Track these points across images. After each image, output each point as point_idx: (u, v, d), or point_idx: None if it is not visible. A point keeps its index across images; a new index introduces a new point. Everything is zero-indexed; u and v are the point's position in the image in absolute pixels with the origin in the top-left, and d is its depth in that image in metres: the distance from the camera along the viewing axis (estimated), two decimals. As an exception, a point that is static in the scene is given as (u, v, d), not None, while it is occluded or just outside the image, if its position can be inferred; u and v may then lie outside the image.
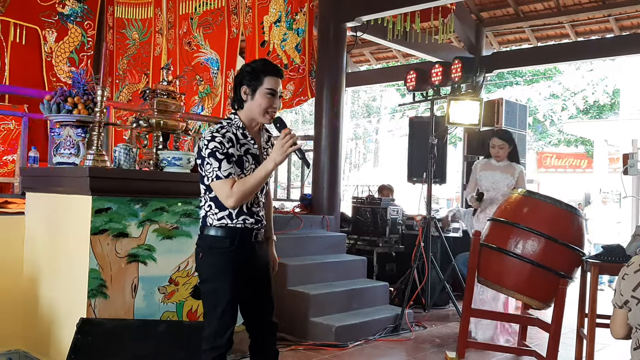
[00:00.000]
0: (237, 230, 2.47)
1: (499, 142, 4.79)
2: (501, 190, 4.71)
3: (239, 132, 2.48)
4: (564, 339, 4.16)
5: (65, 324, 3.31)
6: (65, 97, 3.63)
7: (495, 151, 4.78)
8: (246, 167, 2.46)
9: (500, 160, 4.80)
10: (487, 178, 4.80)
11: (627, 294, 2.05)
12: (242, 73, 2.51)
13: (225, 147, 2.40)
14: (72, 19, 7.40)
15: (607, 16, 7.78)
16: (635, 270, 2.05)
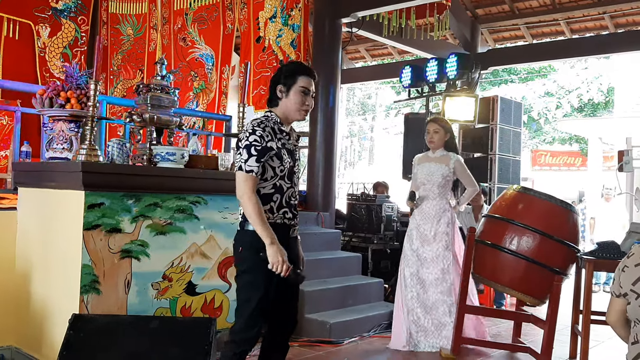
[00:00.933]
0: (277, 227, 2.54)
1: (433, 126, 4.47)
2: (436, 182, 4.40)
3: (276, 127, 2.59)
4: (558, 335, 4.17)
5: (57, 320, 3.28)
6: (58, 91, 3.59)
7: (430, 136, 4.45)
8: (284, 160, 2.56)
9: (436, 149, 4.46)
10: (422, 171, 4.47)
11: (627, 287, 2.04)
12: (278, 73, 2.67)
13: (265, 141, 2.51)
14: (65, 14, 7.35)
15: (602, 13, 7.79)
16: (635, 263, 2.04)
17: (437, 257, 4.33)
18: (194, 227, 3.66)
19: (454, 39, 8.65)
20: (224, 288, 3.84)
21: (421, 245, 4.37)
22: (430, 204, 4.40)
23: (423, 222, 4.39)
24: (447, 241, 4.35)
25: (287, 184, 2.59)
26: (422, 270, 4.36)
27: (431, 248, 4.35)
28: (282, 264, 2.46)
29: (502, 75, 20.44)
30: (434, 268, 4.33)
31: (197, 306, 3.71)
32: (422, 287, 4.34)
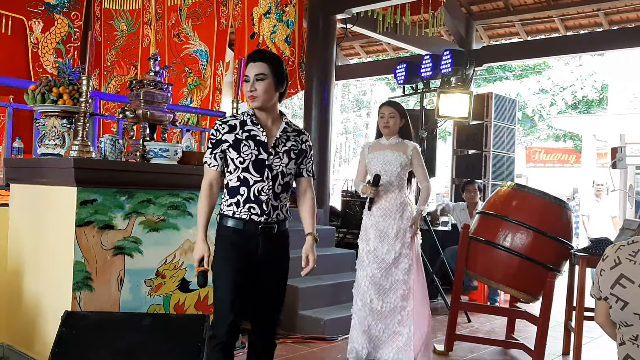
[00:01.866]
0: (243, 222, 2.51)
1: (388, 109, 3.92)
2: (395, 173, 3.83)
3: (248, 120, 2.58)
4: (551, 332, 4.18)
5: (50, 317, 3.27)
6: (50, 87, 3.57)
7: (385, 121, 3.89)
8: (244, 151, 2.52)
9: (390, 136, 3.92)
10: (377, 159, 3.90)
11: (606, 291, 2.04)
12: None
13: (220, 133, 2.55)
14: (58, 10, 7.30)
15: (596, 10, 7.80)
16: (611, 266, 2.04)
17: (398, 257, 3.78)
18: (188, 223, 3.64)
19: (449, 36, 8.65)
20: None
21: (380, 245, 3.80)
22: (389, 197, 3.82)
23: (383, 218, 3.81)
24: (409, 238, 3.82)
25: (256, 177, 2.51)
26: (379, 274, 3.78)
27: (392, 247, 3.78)
28: (195, 262, 2.52)
29: (496, 72, 20.48)
30: (395, 270, 3.78)
31: (190, 303, 3.70)
32: (377, 293, 3.78)
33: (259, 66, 2.54)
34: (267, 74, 2.53)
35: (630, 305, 1.95)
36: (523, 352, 4.22)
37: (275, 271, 2.65)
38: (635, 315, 1.94)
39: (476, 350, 4.36)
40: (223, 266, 2.53)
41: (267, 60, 2.56)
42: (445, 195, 16.85)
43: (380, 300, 3.79)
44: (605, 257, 2.08)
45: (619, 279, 1.99)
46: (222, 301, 2.51)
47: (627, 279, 1.97)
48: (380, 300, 3.79)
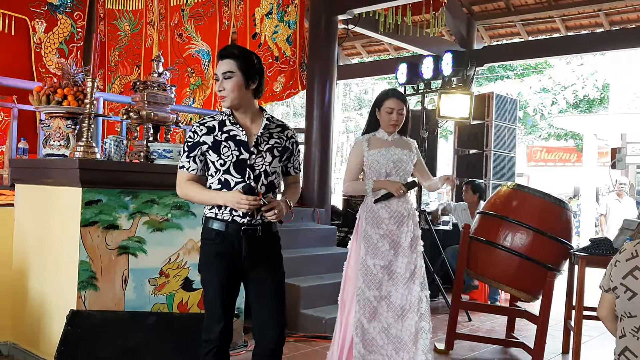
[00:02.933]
0: (224, 223, 2.41)
1: (398, 104, 3.35)
2: (408, 172, 3.39)
3: (227, 120, 2.46)
4: (551, 330, 4.21)
5: (55, 315, 3.31)
6: (55, 88, 3.61)
7: (394, 117, 3.32)
8: (224, 153, 2.40)
9: (392, 133, 3.39)
10: (384, 157, 3.34)
11: (617, 281, 2.08)
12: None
13: (198, 135, 2.44)
14: (61, 10, 7.34)
15: (597, 11, 7.82)
16: (627, 258, 2.07)
17: (414, 270, 3.28)
18: (191, 223, 3.69)
19: (450, 36, 8.67)
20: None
21: (395, 259, 3.27)
22: (401, 201, 3.32)
23: (396, 226, 3.29)
24: (421, 246, 3.37)
25: (236, 178, 2.39)
26: (396, 294, 3.26)
27: (408, 260, 3.28)
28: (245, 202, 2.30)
29: (498, 71, 20.48)
30: (413, 286, 3.26)
31: (193, 302, 3.74)
32: (395, 316, 3.23)
33: (226, 64, 2.41)
34: (234, 72, 2.39)
35: (638, 296, 1.99)
36: (523, 351, 4.26)
37: (266, 274, 2.48)
38: None
39: (476, 348, 4.39)
40: (209, 271, 2.46)
41: (234, 57, 2.42)
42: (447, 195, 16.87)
43: (400, 324, 3.24)
44: (622, 249, 2.12)
45: (633, 270, 2.03)
46: (212, 306, 2.45)
47: None
48: (399, 324, 3.24)
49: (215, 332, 2.42)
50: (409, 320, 3.24)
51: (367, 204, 3.38)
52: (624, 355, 2.07)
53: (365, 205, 3.39)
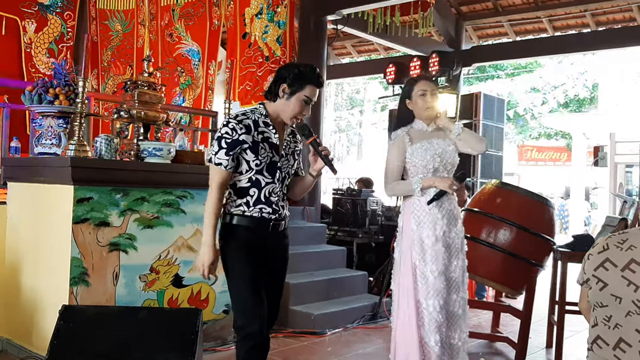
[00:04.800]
0: (254, 220, 2.46)
1: (430, 85, 3.06)
2: (453, 167, 3.09)
3: (261, 120, 2.48)
4: (535, 326, 4.30)
5: (47, 311, 3.37)
6: (47, 88, 3.67)
7: (429, 99, 3.01)
8: (261, 154, 2.44)
9: (430, 121, 3.07)
10: (429, 152, 3.00)
11: (589, 273, 2.15)
12: (288, 72, 2.49)
13: (237, 133, 2.40)
14: (51, 10, 7.36)
15: (583, 11, 7.93)
16: (599, 251, 2.15)
17: (463, 274, 3.04)
18: (181, 220, 3.75)
19: (439, 36, 8.76)
20: (210, 280, 3.93)
21: (449, 262, 2.98)
22: (451, 199, 3.03)
23: (449, 228, 2.99)
24: (466, 247, 3.12)
25: (267, 179, 2.47)
26: (450, 300, 2.96)
27: (459, 264, 3.02)
28: (202, 269, 2.42)
29: (488, 71, 20.62)
30: (463, 287, 3.04)
31: (183, 298, 3.80)
32: (450, 324, 2.97)
33: (317, 93, 2.53)
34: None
35: (609, 286, 2.06)
36: (508, 345, 4.34)
37: (281, 270, 2.63)
38: (612, 297, 2.05)
39: (462, 343, 4.47)
40: (241, 266, 2.47)
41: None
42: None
43: (457, 331, 2.98)
44: (595, 244, 2.20)
45: (604, 262, 2.10)
46: (250, 301, 2.44)
47: (611, 263, 2.08)
48: (455, 331, 2.98)
49: (255, 327, 2.42)
50: (462, 327, 3.02)
51: (414, 204, 3.00)
52: (596, 343, 2.15)
53: (413, 206, 3.01)
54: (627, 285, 2.00)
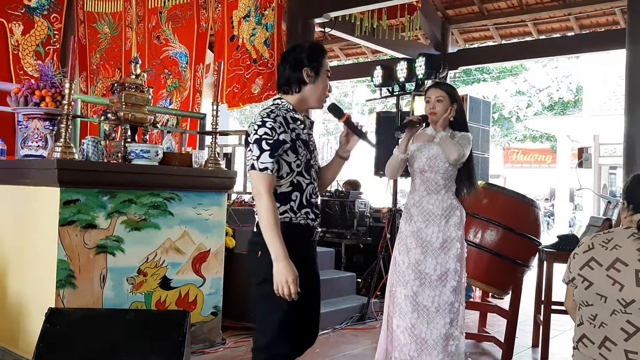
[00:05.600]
0: (301, 228, 2.26)
1: (435, 92, 3.21)
2: (441, 169, 3.16)
3: (289, 115, 2.27)
4: (522, 325, 4.34)
5: (34, 314, 3.34)
6: (33, 90, 3.65)
7: (431, 106, 3.19)
8: (300, 153, 2.24)
9: (438, 126, 3.22)
10: (420, 152, 3.21)
11: (575, 272, 2.18)
12: (301, 55, 2.30)
13: (277, 133, 2.17)
14: (38, 12, 7.32)
15: (567, 15, 8.02)
16: (584, 250, 2.18)
17: (446, 273, 3.11)
18: (168, 222, 3.75)
19: (426, 39, 8.82)
20: (198, 282, 3.94)
21: (424, 258, 3.12)
22: (433, 199, 3.17)
23: (425, 224, 3.15)
24: (458, 250, 3.16)
25: (306, 180, 2.27)
26: (423, 294, 3.10)
27: (439, 261, 3.12)
28: (288, 286, 2.09)
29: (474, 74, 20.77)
30: (443, 290, 3.11)
31: (171, 300, 3.79)
32: (420, 317, 3.09)
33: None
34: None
35: (594, 285, 2.09)
36: (494, 345, 4.38)
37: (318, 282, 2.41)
38: (597, 296, 2.08)
39: (450, 343, 4.49)
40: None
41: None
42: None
43: (425, 325, 3.09)
44: (581, 243, 2.23)
45: (589, 261, 2.13)
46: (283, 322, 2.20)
47: (596, 262, 2.11)
48: (424, 325, 3.09)
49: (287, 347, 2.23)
50: (436, 324, 3.08)
51: (406, 201, 3.31)
52: (581, 342, 2.18)
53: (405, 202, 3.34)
54: (612, 284, 2.03)
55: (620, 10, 7.45)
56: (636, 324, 1.99)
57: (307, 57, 2.29)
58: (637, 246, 2.04)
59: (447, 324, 3.08)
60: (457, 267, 3.13)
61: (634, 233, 2.08)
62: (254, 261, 2.25)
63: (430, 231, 3.13)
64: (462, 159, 3.13)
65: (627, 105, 4.55)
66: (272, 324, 2.20)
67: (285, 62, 2.33)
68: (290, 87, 2.32)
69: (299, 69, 2.29)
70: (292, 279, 2.09)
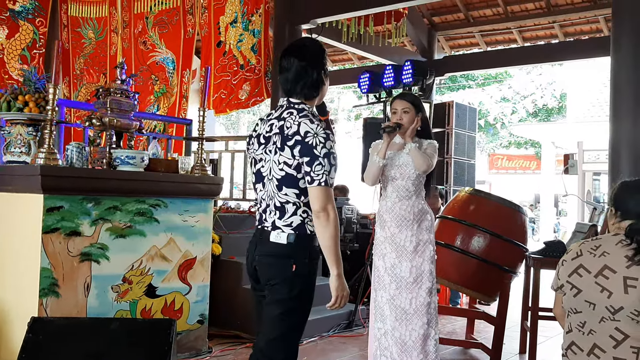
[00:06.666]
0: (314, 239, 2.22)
1: (401, 104, 3.35)
2: (412, 176, 3.31)
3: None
4: (509, 332, 4.34)
5: (16, 323, 3.28)
6: (16, 95, 3.59)
7: (397, 117, 3.33)
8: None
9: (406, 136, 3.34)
10: (391, 161, 3.36)
11: (563, 279, 2.18)
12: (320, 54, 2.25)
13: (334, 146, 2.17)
14: (23, 16, 7.25)
15: (552, 23, 8.11)
16: (572, 257, 2.17)
17: (420, 275, 3.23)
18: (154, 229, 3.70)
19: (412, 46, 8.86)
20: (184, 290, 3.89)
21: (398, 262, 3.25)
22: (404, 205, 3.29)
23: (398, 229, 3.28)
24: (431, 252, 3.30)
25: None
26: (400, 297, 3.23)
27: (413, 264, 3.24)
28: (344, 301, 2.17)
29: (460, 80, 20.91)
30: (419, 291, 3.22)
31: (157, 308, 3.74)
32: (398, 320, 3.21)
33: None
34: None
35: (583, 292, 2.09)
36: (482, 352, 4.38)
37: None
38: (586, 303, 2.08)
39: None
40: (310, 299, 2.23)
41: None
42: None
43: (404, 327, 3.20)
44: (569, 250, 2.22)
45: (578, 268, 2.13)
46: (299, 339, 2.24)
47: (585, 269, 2.10)
48: (403, 327, 3.20)
49: None
50: (414, 325, 3.20)
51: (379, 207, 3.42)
52: (570, 349, 2.17)
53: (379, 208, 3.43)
54: (601, 291, 2.03)
55: (604, 18, 7.54)
56: (625, 331, 1.99)
57: (320, 58, 2.24)
58: (625, 253, 2.05)
59: (425, 325, 3.20)
60: (431, 269, 3.27)
61: (622, 240, 2.08)
62: (282, 274, 2.17)
63: (403, 236, 3.26)
64: (430, 169, 3.33)
65: (612, 112, 4.59)
66: (294, 341, 2.21)
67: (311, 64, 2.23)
68: (317, 91, 2.26)
69: (321, 69, 2.24)
70: (348, 292, 2.18)
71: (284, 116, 2.22)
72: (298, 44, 2.35)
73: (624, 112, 4.45)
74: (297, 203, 2.18)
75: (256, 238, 2.30)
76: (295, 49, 2.30)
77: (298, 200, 2.17)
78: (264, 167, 2.24)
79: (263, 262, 2.24)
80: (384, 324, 3.25)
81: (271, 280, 2.20)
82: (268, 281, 2.21)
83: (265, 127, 2.27)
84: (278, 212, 2.20)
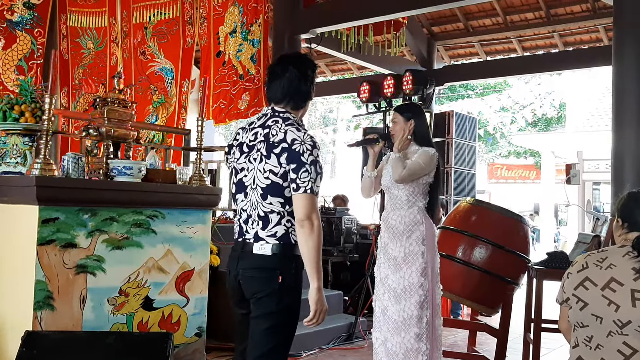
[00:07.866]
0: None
1: (392, 115, 3.45)
2: (404, 188, 3.30)
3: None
4: (512, 344, 4.28)
5: (10, 337, 3.21)
6: (12, 105, 3.55)
7: (391, 128, 3.42)
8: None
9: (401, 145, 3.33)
10: (386, 172, 3.39)
11: (569, 292, 2.13)
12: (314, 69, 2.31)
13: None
14: (20, 27, 7.23)
15: (551, 32, 8.11)
16: (578, 269, 2.13)
17: (409, 287, 3.20)
18: (152, 241, 3.64)
19: (411, 56, 8.85)
20: (182, 303, 3.83)
21: (390, 273, 3.27)
22: (397, 215, 3.30)
23: (390, 240, 3.30)
24: (422, 264, 3.23)
25: None
26: (392, 307, 3.23)
27: (402, 275, 3.22)
28: (322, 317, 2.17)
29: (459, 90, 20.94)
30: (407, 303, 3.19)
31: (154, 321, 3.68)
32: (390, 331, 3.22)
33: None
34: None
35: (589, 306, 2.04)
36: (484, 364, 4.32)
37: None
38: (593, 317, 2.03)
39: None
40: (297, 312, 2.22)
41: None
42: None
43: (395, 338, 3.19)
44: (574, 262, 2.18)
45: (584, 281, 2.08)
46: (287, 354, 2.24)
47: (591, 282, 2.06)
48: (394, 338, 3.19)
49: None
50: (403, 338, 3.17)
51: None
52: (576, 364, 2.12)
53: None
54: (608, 304, 1.98)
55: (604, 27, 7.54)
56: (633, 345, 1.94)
57: (314, 70, 2.29)
58: (633, 265, 2.00)
59: (412, 338, 3.14)
60: (422, 281, 3.19)
61: (629, 252, 2.03)
62: (269, 286, 2.15)
63: (393, 246, 3.28)
64: (406, 179, 3.23)
65: (614, 121, 4.55)
66: (283, 356, 2.21)
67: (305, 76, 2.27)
68: (304, 102, 2.30)
69: (311, 82, 2.28)
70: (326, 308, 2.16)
71: (269, 124, 2.20)
72: (295, 54, 2.38)
73: (626, 121, 4.41)
74: (282, 212, 2.15)
75: (237, 252, 2.25)
76: (293, 58, 2.31)
77: (283, 210, 2.15)
78: (247, 177, 2.21)
79: (247, 275, 2.19)
80: (380, 334, 3.29)
81: (257, 293, 2.15)
82: (254, 295, 2.16)
83: (249, 135, 2.24)
84: (261, 222, 2.15)
